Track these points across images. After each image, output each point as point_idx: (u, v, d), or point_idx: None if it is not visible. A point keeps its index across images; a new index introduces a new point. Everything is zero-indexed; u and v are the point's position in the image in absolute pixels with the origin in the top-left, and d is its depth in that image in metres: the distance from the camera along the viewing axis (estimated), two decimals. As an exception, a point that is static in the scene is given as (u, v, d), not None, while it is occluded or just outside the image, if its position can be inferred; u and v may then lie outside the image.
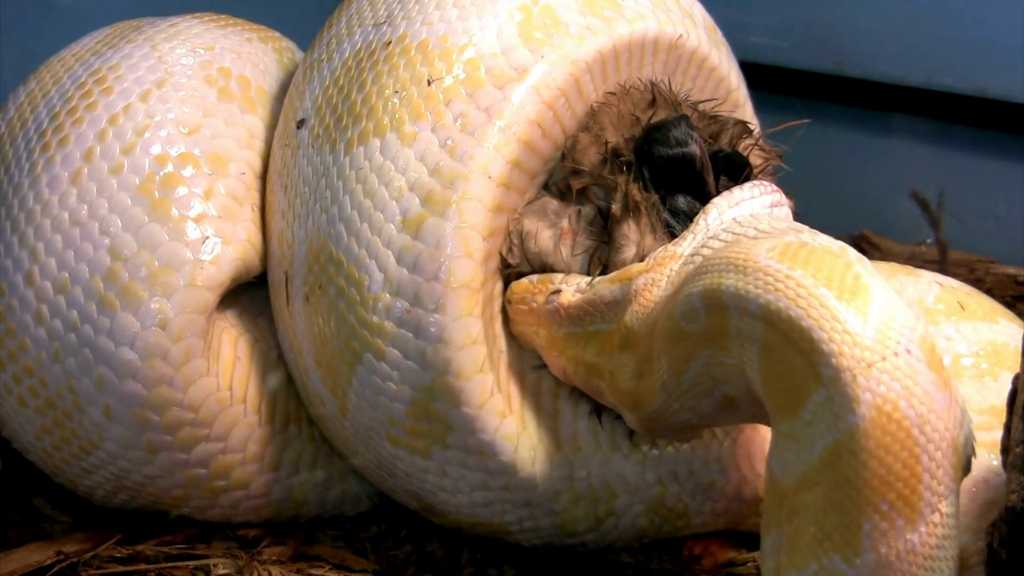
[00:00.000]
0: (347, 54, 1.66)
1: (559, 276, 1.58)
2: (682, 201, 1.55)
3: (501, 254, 1.60)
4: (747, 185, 1.53)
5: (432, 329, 1.52)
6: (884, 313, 1.23)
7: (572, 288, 1.56)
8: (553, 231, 1.59)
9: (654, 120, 1.59)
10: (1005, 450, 1.31)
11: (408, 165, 1.54)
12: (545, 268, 1.60)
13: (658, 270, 1.47)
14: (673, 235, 1.54)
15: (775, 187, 1.55)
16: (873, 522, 1.17)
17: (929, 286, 1.78)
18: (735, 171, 1.57)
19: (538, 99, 1.56)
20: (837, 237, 2.74)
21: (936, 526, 1.18)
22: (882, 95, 2.62)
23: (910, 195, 2.41)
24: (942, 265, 2.34)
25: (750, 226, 1.45)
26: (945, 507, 1.19)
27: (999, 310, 1.78)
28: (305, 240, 1.62)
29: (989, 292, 1.91)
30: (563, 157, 1.60)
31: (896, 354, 1.21)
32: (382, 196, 1.55)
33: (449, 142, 1.54)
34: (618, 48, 1.62)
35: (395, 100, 1.57)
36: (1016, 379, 1.32)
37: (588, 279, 1.56)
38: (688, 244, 1.48)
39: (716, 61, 1.76)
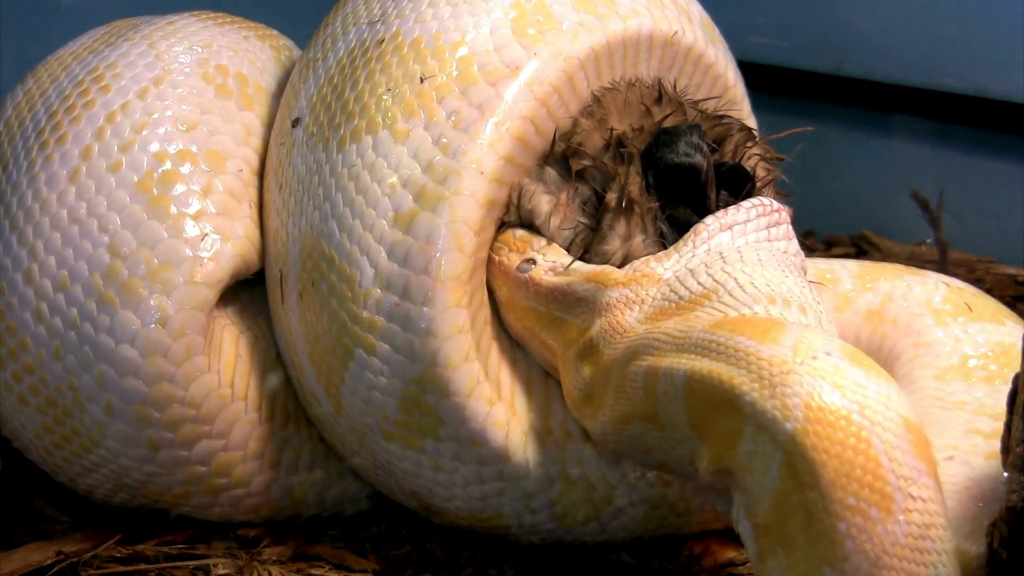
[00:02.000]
0: (341, 52, 1.67)
1: (541, 242, 1.58)
2: (681, 212, 1.54)
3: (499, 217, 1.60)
4: (745, 205, 1.50)
5: (421, 322, 1.52)
6: (797, 335, 1.21)
7: (547, 264, 1.55)
8: (549, 198, 1.59)
9: (667, 123, 1.58)
10: (1005, 450, 1.28)
11: (401, 162, 1.55)
12: (532, 227, 1.60)
13: (634, 288, 1.45)
14: (663, 243, 1.53)
15: (775, 205, 1.52)
16: (847, 520, 1.12)
17: (936, 286, 1.78)
18: (738, 185, 1.55)
19: (531, 95, 1.56)
20: (837, 237, 2.76)
21: (913, 512, 1.12)
22: (882, 95, 2.62)
23: (910, 195, 2.40)
24: (942, 265, 2.33)
25: (730, 276, 1.40)
26: (917, 491, 1.13)
27: (1005, 311, 1.77)
28: (299, 238, 1.62)
29: (989, 292, 1.90)
30: (555, 140, 1.59)
31: (815, 358, 1.18)
32: (374, 193, 1.55)
33: (442, 139, 1.54)
34: (612, 45, 1.62)
35: (387, 98, 1.58)
36: (1016, 379, 1.29)
37: (566, 260, 1.55)
38: (671, 264, 1.47)
39: (713, 58, 1.76)
